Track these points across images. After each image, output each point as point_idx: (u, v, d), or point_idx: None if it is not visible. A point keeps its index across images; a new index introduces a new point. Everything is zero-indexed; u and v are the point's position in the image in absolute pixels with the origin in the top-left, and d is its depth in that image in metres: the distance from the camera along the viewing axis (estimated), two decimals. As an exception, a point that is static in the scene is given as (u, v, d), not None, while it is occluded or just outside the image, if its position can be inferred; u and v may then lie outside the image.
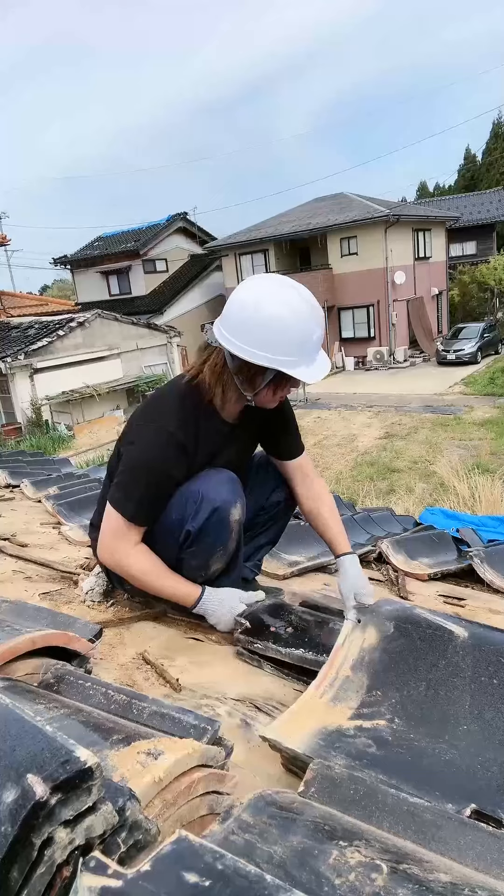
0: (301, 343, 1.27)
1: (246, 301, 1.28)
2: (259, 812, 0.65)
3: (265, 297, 1.27)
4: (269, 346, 1.25)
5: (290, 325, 1.25)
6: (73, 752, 0.54)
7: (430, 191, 41.10)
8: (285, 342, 1.25)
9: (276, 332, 1.25)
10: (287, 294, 1.28)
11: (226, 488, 1.38)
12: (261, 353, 1.26)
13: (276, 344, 1.25)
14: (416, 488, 9.02)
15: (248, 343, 1.26)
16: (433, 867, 0.59)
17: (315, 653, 1.21)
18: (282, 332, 1.25)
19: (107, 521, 1.40)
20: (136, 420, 1.43)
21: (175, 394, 1.41)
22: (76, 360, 17.10)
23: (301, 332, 1.26)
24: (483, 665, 0.99)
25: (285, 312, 1.25)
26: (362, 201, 23.01)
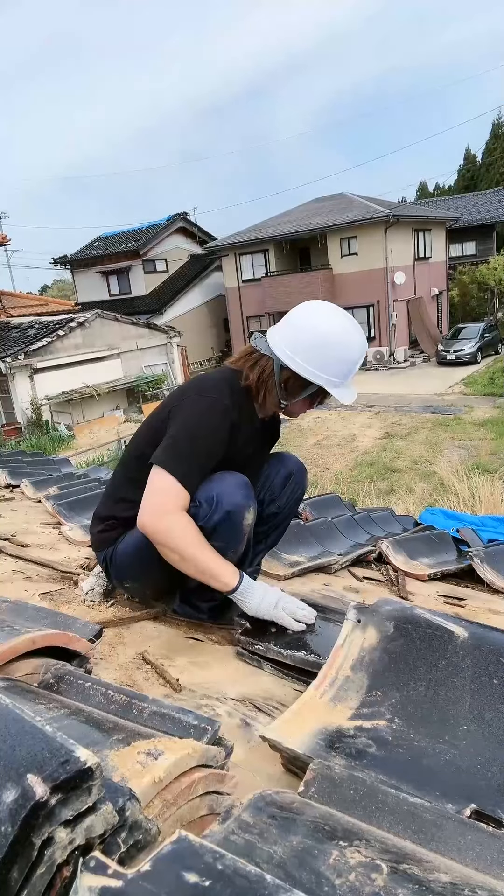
0: (349, 368, 1.45)
1: (308, 319, 1.45)
2: (259, 812, 0.65)
3: (326, 319, 1.44)
4: (322, 366, 1.41)
5: (340, 350, 1.42)
6: (73, 752, 0.54)
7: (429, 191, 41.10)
8: (337, 365, 1.42)
9: (334, 355, 1.42)
10: (346, 324, 1.45)
11: (241, 492, 1.38)
12: (312, 370, 1.41)
13: (329, 365, 1.42)
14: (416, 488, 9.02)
15: (304, 360, 1.41)
16: (433, 867, 0.59)
17: (315, 653, 1.21)
18: (338, 356, 1.42)
19: (155, 481, 1.35)
20: (186, 394, 1.46)
21: (220, 381, 1.49)
22: (76, 360, 17.10)
23: (353, 359, 1.45)
24: (483, 665, 0.99)
25: (341, 338, 1.42)
26: (362, 201, 23.01)
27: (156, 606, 1.57)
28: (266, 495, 1.64)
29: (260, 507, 1.64)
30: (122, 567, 1.51)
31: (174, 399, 1.48)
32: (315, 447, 13.16)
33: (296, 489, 1.67)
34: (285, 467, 1.66)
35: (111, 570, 1.56)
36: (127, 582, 1.55)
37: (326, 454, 12.58)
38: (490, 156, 37.08)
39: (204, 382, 1.50)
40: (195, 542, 1.33)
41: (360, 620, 1.18)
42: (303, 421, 15.31)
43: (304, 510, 2.87)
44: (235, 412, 1.43)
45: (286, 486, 1.65)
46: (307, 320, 1.44)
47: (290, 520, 1.74)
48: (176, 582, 1.50)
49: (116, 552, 1.51)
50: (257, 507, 1.45)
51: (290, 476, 1.65)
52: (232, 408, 1.43)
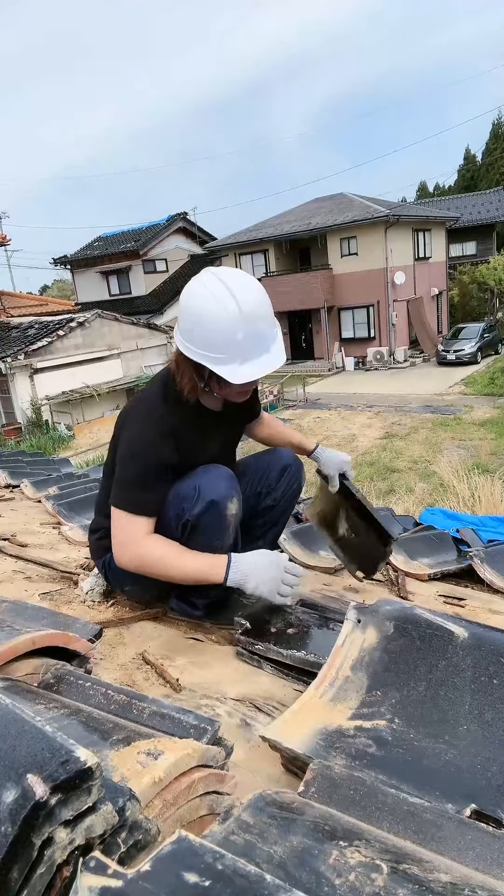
0: (227, 343, 1.27)
1: (185, 295, 1.34)
2: (259, 812, 0.65)
3: (195, 296, 1.31)
4: (197, 342, 1.30)
5: (213, 324, 1.27)
6: (72, 752, 0.54)
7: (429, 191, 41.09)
8: (210, 339, 1.28)
9: (202, 328, 1.29)
10: (217, 294, 1.28)
11: (223, 483, 1.39)
12: (192, 348, 1.31)
13: (202, 340, 1.29)
14: (415, 488, 9.02)
15: (185, 338, 1.33)
16: (433, 867, 0.59)
17: (315, 653, 1.21)
18: (207, 330, 1.28)
19: (114, 522, 1.40)
20: (124, 419, 1.46)
21: (156, 389, 1.46)
22: (76, 361, 17.11)
23: (222, 331, 1.27)
24: (483, 665, 0.99)
25: (208, 312, 1.28)
26: (362, 201, 23.01)
27: (156, 607, 1.57)
28: (262, 488, 1.64)
29: (256, 501, 1.65)
30: (119, 573, 1.52)
31: (119, 420, 1.47)
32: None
33: (291, 482, 1.67)
34: (281, 460, 1.67)
35: (109, 575, 1.57)
36: (126, 586, 1.56)
37: (326, 454, 12.55)
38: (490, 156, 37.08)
39: (139, 398, 1.49)
40: (171, 560, 1.36)
41: (360, 620, 1.18)
42: (302, 421, 15.32)
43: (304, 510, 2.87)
44: (175, 416, 1.40)
45: (282, 479, 1.65)
46: (185, 299, 1.34)
47: (287, 515, 1.74)
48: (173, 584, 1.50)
49: (113, 559, 1.52)
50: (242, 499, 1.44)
51: (285, 469, 1.66)
52: (169, 413, 1.39)
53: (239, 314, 1.27)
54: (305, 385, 19.10)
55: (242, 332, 1.27)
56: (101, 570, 1.61)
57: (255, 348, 1.31)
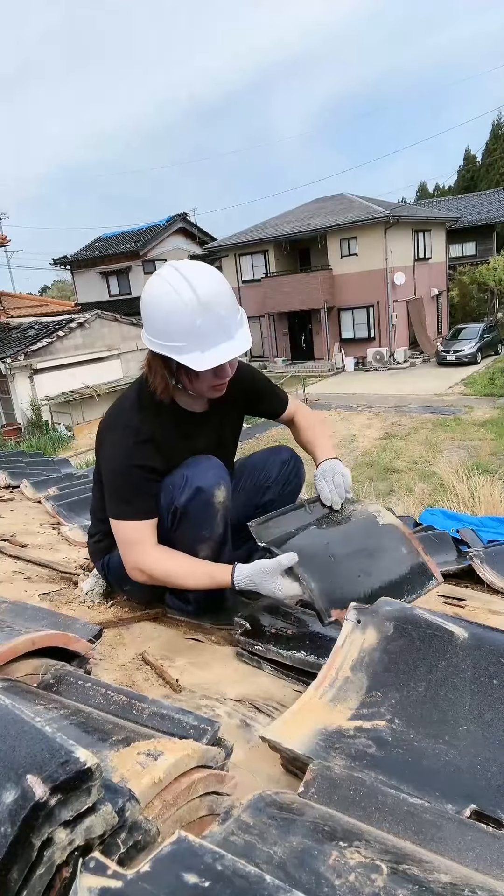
0: (185, 331, 1.26)
1: (145, 289, 1.33)
2: (259, 813, 0.65)
3: (153, 288, 1.31)
4: (158, 334, 1.30)
5: (172, 313, 1.26)
6: (72, 752, 0.54)
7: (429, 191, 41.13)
8: (170, 329, 1.27)
9: (161, 319, 1.28)
10: (172, 283, 1.27)
11: (210, 472, 1.38)
12: (155, 340, 1.31)
13: (161, 331, 1.29)
14: (415, 489, 9.02)
15: (147, 332, 1.32)
16: (433, 868, 0.59)
17: (315, 654, 1.21)
18: (166, 320, 1.27)
19: (118, 535, 1.40)
20: (102, 431, 1.45)
21: (131, 396, 1.44)
22: (76, 361, 17.11)
23: (181, 319, 1.26)
24: (483, 666, 0.99)
25: (163, 301, 1.27)
26: (362, 202, 23.02)
27: (155, 607, 1.58)
28: (262, 483, 1.64)
29: (256, 496, 1.65)
30: (118, 574, 1.52)
31: (98, 436, 1.47)
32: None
33: (291, 476, 1.67)
34: (280, 456, 1.67)
35: (109, 576, 1.58)
36: (126, 586, 1.56)
37: (326, 455, 12.56)
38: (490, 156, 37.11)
39: (111, 412, 1.47)
40: (178, 568, 1.36)
41: (359, 621, 1.18)
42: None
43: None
44: (152, 423, 1.39)
45: (280, 473, 1.65)
46: (144, 292, 1.32)
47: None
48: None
49: (112, 560, 1.52)
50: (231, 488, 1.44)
51: (284, 463, 1.66)
52: (144, 422, 1.39)
53: (196, 301, 1.25)
54: (305, 385, 19.11)
55: (201, 319, 1.26)
56: (101, 572, 1.61)
57: (217, 335, 1.28)
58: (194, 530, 1.39)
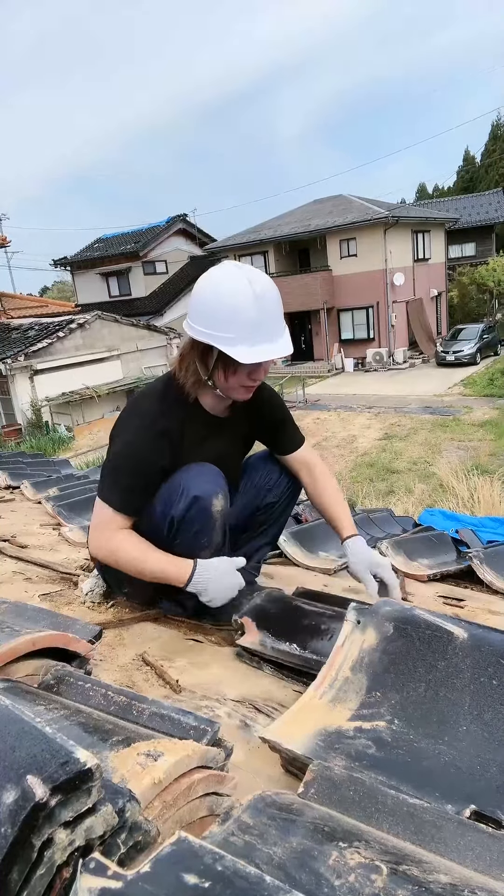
0: (239, 322, 1.28)
1: (201, 278, 1.36)
2: (259, 813, 0.65)
3: (211, 277, 1.34)
4: (208, 323, 1.30)
5: (223, 302, 1.29)
6: (72, 753, 0.54)
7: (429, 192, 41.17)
8: (221, 318, 1.29)
9: (215, 307, 1.30)
10: (232, 275, 1.32)
11: (208, 480, 1.38)
12: (201, 329, 1.32)
13: (213, 320, 1.30)
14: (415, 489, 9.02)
15: (194, 321, 1.34)
16: (433, 868, 0.59)
17: (315, 654, 1.21)
18: (219, 308, 1.30)
19: (94, 514, 1.42)
20: (120, 416, 1.47)
21: (158, 387, 1.46)
22: (76, 362, 17.11)
23: (234, 309, 1.28)
24: (483, 666, 0.99)
25: (222, 290, 1.30)
26: (362, 203, 23.04)
27: (155, 608, 1.58)
28: (263, 485, 1.64)
29: (258, 498, 1.65)
30: (117, 576, 1.52)
31: (115, 424, 1.48)
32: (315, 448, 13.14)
33: (292, 479, 1.67)
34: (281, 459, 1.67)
35: (108, 577, 1.58)
36: (125, 589, 1.56)
37: (326, 455, 12.57)
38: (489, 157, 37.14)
39: (133, 401, 1.48)
40: (138, 558, 1.37)
41: (359, 621, 1.18)
42: (302, 422, 15.32)
43: (304, 511, 2.87)
44: (171, 417, 1.39)
45: (282, 476, 1.65)
46: (200, 281, 1.36)
47: (288, 512, 1.74)
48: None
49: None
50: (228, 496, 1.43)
51: (285, 467, 1.66)
52: (164, 414, 1.39)
53: (252, 294, 1.28)
54: (305, 386, 19.11)
55: (255, 312, 1.28)
56: (100, 573, 1.61)
57: (264, 333, 1.31)
58: (192, 539, 1.39)
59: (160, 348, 20.13)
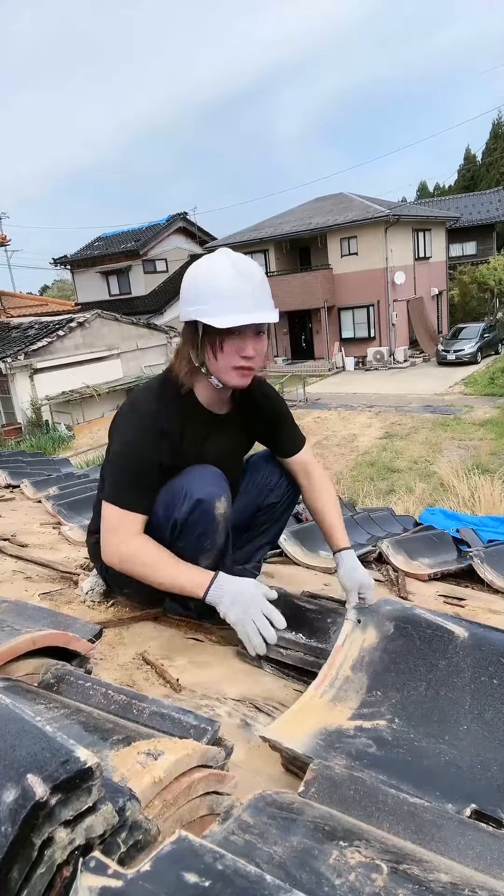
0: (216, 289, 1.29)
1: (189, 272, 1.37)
2: (259, 812, 0.65)
3: (202, 263, 1.35)
4: (190, 300, 1.33)
5: (199, 275, 1.32)
6: (73, 752, 0.54)
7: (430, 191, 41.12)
8: (200, 291, 1.31)
9: (190, 284, 1.33)
10: (213, 255, 1.35)
11: (210, 482, 1.37)
12: (187, 309, 1.33)
13: (194, 294, 1.32)
14: (415, 488, 9.02)
15: (181, 305, 1.36)
16: (433, 867, 0.59)
17: (315, 653, 1.21)
18: (194, 283, 1.33)
19: (103, 519, 1.40)
20: (117, 415, 1.45)
21: (154, 385, 1.44)
22: (76, 361, 17.11)
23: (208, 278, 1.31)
24: (483, 665, 0.99)
25: (201, 265, 1.34)
26: (362, 201, 23.02)
27: (156, 606, 1.57)
28: (265, 485, 1.64)
29: (259, 498, 1.64)
30: (118, 577, 1.52)
31: (112, 423, 1.46)
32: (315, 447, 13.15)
33: (293, 479, 1.66)
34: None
35: (109, 578, 1.57)
36: (126, 588, 1.55)
37: (327, 454, 12.58)
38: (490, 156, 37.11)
39: (130, 400, 1.46)
40: (155, 566, 1.34)
41: (360, 620, 1.18)
42: (303, 421, 15.32)
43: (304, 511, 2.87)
44: (169, 416, 1.38)
45: (283, 476, 1.65)
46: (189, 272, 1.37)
47: (289, 512, 1.73)
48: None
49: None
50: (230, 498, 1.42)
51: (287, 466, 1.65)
52: (160, 412, 1.38)
53: (230, 264, 1.31)
54: (305, 385, 19.10)
55: (231, 280, 1.29)
56: (101, 573, 1.60)
57: (245, 303, 1.29)
58: (195, 542, 1.38)
59: (160, 347, 20.12)
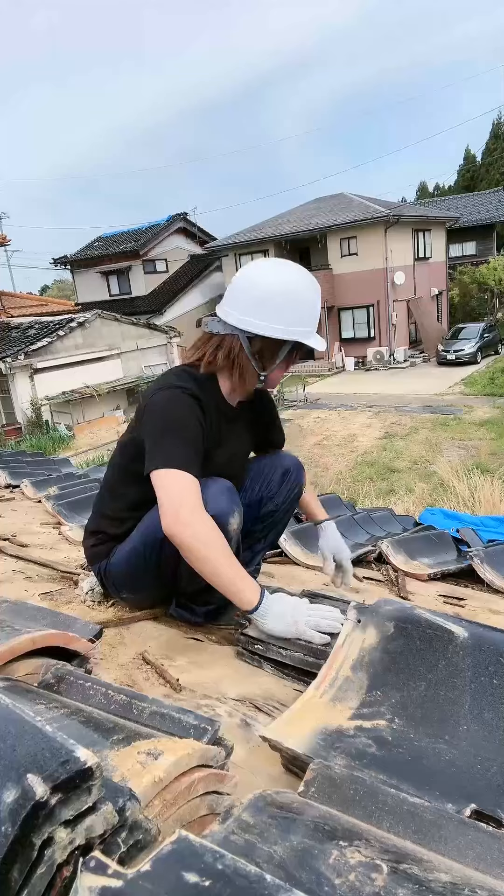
0: (310, 314, 1.39)
1: (255, 281, 1.39)
2: (259, 812, 0.65)
3: (271, 274, 1.39)
4: (283, 320, 1.36)
5: (299, 297, 1.37)
6: (73, 751, 0.54)
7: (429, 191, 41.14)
8: (297, 314, 1.37)
9: (288, 304, 1.36)
10: (289, 269, 1.41)
11: (224, 498, 1.36)
12: (279, 327, 1.36)
13: (290, 316, 1.36)
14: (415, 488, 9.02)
15: (264, 319, 1.36)
16: (433, 867, 0.59)
17: (315, 653, 1.21)
18: (294, 305, 1.36)
19: (161, 486, 1.27)
20: (149, 395, 1.42)
21: (185, 372, 1.45)
22: (76, 361, 17.11)
23: (309, 302, 1.39)
24: (483, 665, 0.99)
25: (293, 286, 1.37)
26: (362, 202, 23.03)
27: (156, 606, 1.57)
28: (264, 493, 1.64)
29: (258, 507, 1.64)
30: (116, 581, 1.51)
31: (143, 404, 1.44)
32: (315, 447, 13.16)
33: (293, 487, 1.66)
34: (282, 465, 1.66)
35: (106, 582, 1.56)
36: (123, 594, 1.55)
37: (326, 454, 12.58)
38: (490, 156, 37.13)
39: (164, 378, 1.46)
40: (221, 551, 1.24)
41: (360, 620, 1.18)
42: (303, 421, 15.32)
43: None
44: (203, 400, 1.40)
45: (283, 484, 1.65)
46: (251, 279, 1.39)
47: (288, 517, 1.74)
48: (171, 590, 1.50)
49: (110, 566, 1.51)
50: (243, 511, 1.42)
51: (286, 473, 1.65)
52: (196, 390, 1.39)
53: (313, 286, 1.41)
54: (305, 385, 19.10)
55: (318, 307, 1.41)
56: (98, 577, 1.59)
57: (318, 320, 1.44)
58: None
59: (160, 347, 20.12)
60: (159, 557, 1.39)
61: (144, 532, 1.41)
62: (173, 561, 1.38)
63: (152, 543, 1.39)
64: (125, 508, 1.50)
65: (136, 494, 1.45)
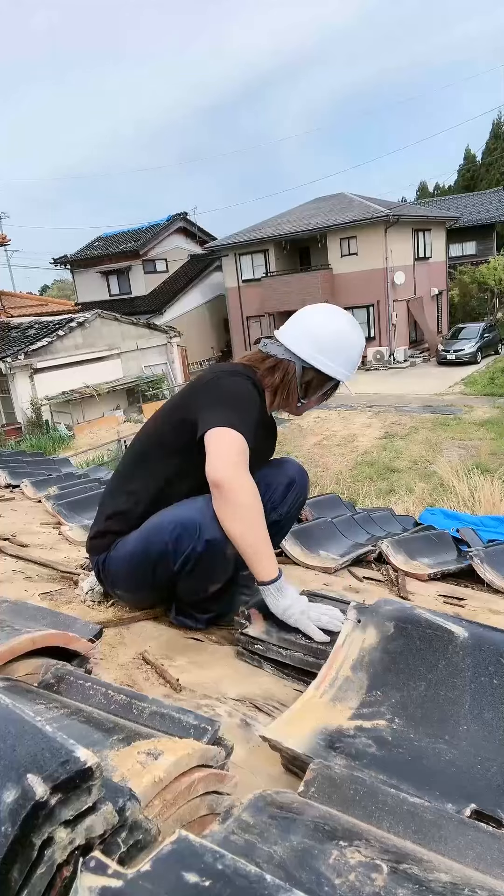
0: (357, 360, 1.61)
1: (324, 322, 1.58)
2: (259, 812, 0.65)
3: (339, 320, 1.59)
4: (338, 360, 1.55)
5: (354, 343, 1.58)
6: (73, 752, 0.54)
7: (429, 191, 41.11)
8: (349, 358, 1.57)
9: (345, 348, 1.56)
10: (348, 318, 1.62)
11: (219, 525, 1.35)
12: (332, 365, 1.55)
13: (343, 358, 1.56)
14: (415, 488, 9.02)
15: (330, 359, 1.55)
16: (433, 867, 0.59)
17: (315, 653, 1.21)
18: (349, 349, 1.57)
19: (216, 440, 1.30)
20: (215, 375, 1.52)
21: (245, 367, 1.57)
22: (76, 360, 17.12)
23: (359, 348, 1.61)
24: (483, 665, 0.99)
25: (351, 335, 1.58)
26: (362, 201, 23.01)
27: (156, 606, 1.57)
28: (268, 504, 1.63)
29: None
30: (113, 575, 1.51)
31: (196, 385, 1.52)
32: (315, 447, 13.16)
33: (298, 496, 1.68)
34: (286, 474, 1.66)
35: (103, 575, 1.56)
36: (118, 590, 1.55)
37: (326, 454, 12.58)
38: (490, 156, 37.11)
39: (232, 366, 1.59)
40: (259, 511, 1.28)
41: (360, 620, 1.18)
42: (303, 421, 15.31)
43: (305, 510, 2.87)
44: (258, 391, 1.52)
45: (288, 494, 1.65)
46: (329, 324, 1.58)
47: (291, 524, 1.77)
48: (166, 595, 1.50)
49: (109, 559, 1.50)
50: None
51: (291, 483, 1.66)
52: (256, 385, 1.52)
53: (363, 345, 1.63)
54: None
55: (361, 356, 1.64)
56: (94, 569, 1.58)
57: None
58: (207, 575, 1.39)
59: (160, 347, 20.12)
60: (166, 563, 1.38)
61: (148, 537, 1.41)
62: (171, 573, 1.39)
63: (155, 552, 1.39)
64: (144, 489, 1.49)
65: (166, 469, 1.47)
